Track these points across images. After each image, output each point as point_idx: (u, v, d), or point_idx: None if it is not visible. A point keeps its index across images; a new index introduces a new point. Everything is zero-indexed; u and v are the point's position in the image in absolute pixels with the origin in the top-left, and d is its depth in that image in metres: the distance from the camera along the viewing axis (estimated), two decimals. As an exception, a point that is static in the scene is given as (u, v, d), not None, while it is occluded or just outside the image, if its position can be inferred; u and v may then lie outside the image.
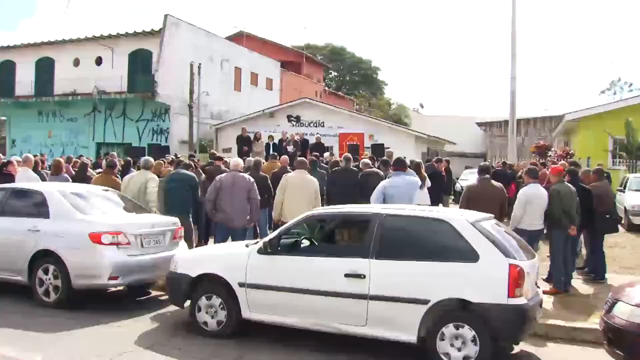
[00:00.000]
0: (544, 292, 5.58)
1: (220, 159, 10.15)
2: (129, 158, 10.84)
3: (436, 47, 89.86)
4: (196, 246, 7.60)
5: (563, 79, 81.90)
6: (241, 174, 7.21)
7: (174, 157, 11.65)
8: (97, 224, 5.81)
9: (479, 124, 31.56)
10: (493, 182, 6.94)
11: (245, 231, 7.18)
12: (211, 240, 8.11)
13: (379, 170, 8.74)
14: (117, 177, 8.41)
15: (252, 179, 7.24)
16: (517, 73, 17.33)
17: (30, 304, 5.83)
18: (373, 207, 5.11)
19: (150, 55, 23.44)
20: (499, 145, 29.80)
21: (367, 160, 9.29)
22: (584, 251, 8.08)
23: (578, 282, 7.12)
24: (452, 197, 15.83)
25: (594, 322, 5.23)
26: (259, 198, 7.21)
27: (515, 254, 4.31)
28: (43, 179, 8.24)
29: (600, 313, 4.61)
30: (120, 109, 24.63)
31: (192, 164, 8.53)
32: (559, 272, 6.63)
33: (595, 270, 7.36)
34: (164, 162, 10.37)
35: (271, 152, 15.24)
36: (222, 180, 7.07)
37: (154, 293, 6.72)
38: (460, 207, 6.43)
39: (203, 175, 8.98)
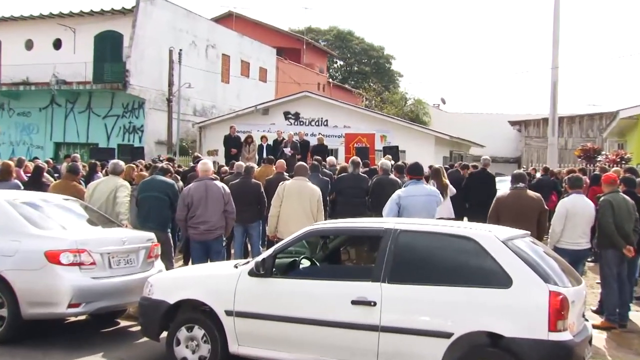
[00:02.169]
0: (594, 327, 5.51)
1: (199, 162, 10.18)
2: (94, 161, 10.89)
3: (460, 31, 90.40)
4: (179, 266, 7.63)
5: (615, 70, 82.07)
6: (214, 182, 7.31)
7: (152, 161, 11.71)
8: (55, 240, 5.76)
9: (512, 123, 31.59)
10: (529, 192, 6.96)
11: (222, 244, 7.30)
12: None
13: (394, 177, 8.77)
14: (81, 183, 8.44)
15: (227, 189, 7.34)
16: (559, 62, 17.40)
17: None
18: (385, 222, 5.12)
19: (121, 39, 23.53)
20: (537, 148, 29.85)
21: (387, 162, 9.26)
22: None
23: (637, 315, 7.03)
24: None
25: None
26: (235, 211, 7.32)
27: (556, 279, 4.30)
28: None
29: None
30: (84, 102, 24.71)
31: (171, 169, 8.57)
32: (612, 301, 6.54)
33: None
34: (138, 166, 10.43)
35: (265, 155, 15.32)
36: (191, 193, 7.15)
37: (122, 323, 6.72)
38: (489, 222, 6.43)
39: (180, 182, 9.04)
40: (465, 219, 9.78)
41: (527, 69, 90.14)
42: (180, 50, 23.81)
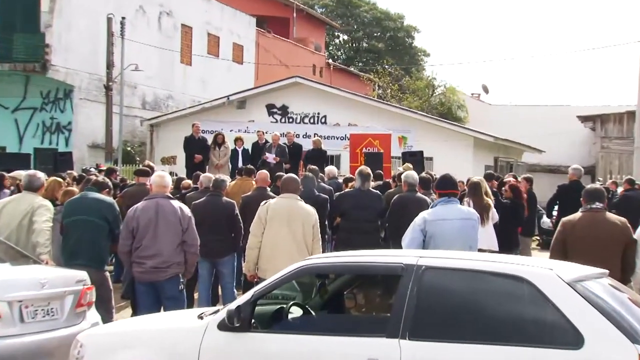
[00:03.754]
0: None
1: (147, 173, 10.22)
2: (0, 172, 10.89)
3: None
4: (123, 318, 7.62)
5: None
6: (169, 201, 7.34)
7: (83, 172, 11.73)
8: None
9: (583, 119, 31.74)
10: (609, 215, 7.00)
11: (178, 287, 7.29)
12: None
13: (421, 195, 8.83)
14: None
15: (186, 211, 7.35)
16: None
17: None
18: (405, 255, 5.16)
19: (37, 1, 23.52)
20: (618, 153, 29.94)
21: (413, 174, 9.28)
22: None
23: None
24: (538, 239, 15.84)
25: None
26: (199, 243, 7.34)
27: (647, 337, 4.31)
28: None
29: None
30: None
31: (109, 183, 8.57)
32: None
33: None
34: (64, 179, 10.43)
35: (241, 163, 15.34)
36: (137, 215, 7.19)
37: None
38: (552, 257, 6.45)
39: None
40: (516, 252, 9.82)
41: (603, 44, 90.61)
42: (123, 18, 23.92)
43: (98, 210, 7.70)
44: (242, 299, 5.11)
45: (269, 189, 9.71)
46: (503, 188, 11.14)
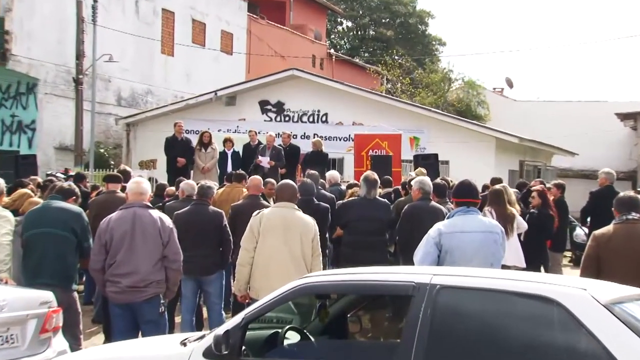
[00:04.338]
0: None
1: (118, 179, 10.22)
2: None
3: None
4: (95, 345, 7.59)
5: None
6: (148, 211, 7.35)
7: (48, 177, 11.72)
8: None
9: (623, 117, 31.67)
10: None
11: (159, 310, 7.28)
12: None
13: (436, 204, 8.83)
14: None
15: (167, 222, 7.37)
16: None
17: None
18: (417, 273, 5.14)
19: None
20: (666, 156, 29.93)
21: (427, 180, 9.29)
22: None
23: None
24: (570, 254, 15.79)
25: None
26: (182, 258, 7.34)
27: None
28: None
29: None
30: None
31: (76, 190, 8.56)
32: None
33: None
34: (27, 185, 10.45)
35: (230, 168, 15.34)
36: (111, 226, 7.19)
37: None
38: (582, 275, 6.45)
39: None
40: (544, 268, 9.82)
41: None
42: (95, 2, 23.88)
43: (64, 221, 7.70)
44: (231, 322, 5.10)
45: (262, 197, 9.71)
46: (530, 196, 11.15)
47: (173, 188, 11.82)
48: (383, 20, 52.35)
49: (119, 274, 7.12)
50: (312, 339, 5.64)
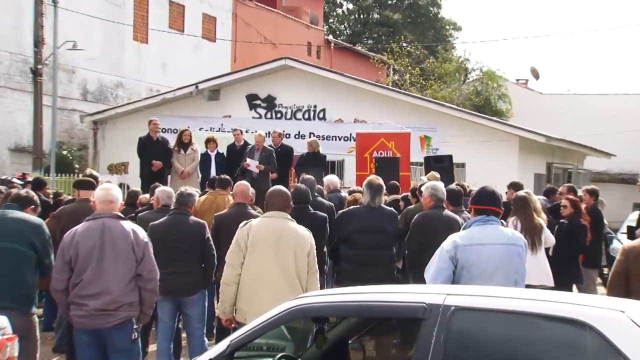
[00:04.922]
0: None
1: (91, 185, 10.21)
2: None
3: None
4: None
5: None
6: (120, 222, 7.33)
7: (2, 184, 11.72)
8: None
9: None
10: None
11: (131, 337, 7.25)
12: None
13: (449, 212, 8.84)
14: None
15: (142, 235, 7.36)
16: None
17: None
18: (429, 292, 5.15)
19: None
20: None
21: (440, 185, 9.34)
22: None
23: None
24: (606, 270, 15.71)
25: None
26: (158, 277, 7.34)
27: None
28: None
29: None
30: None
31: (34, 199, 8.55)
32: None
33: None
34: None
35: (214, 172, 15.33)
36: (76, 240, 7.16)
37: None
38: (609, 294, 6.47)
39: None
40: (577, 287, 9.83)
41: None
42: (58, -19, 24.04)
43: (21, 234, 7.68)
44: (214, 350, 5.13)
45: (249, 206, 9.71)
46: (561, 204, 11.15)
47: (147, 196, 11.82)
48: (389, 2, 52.53)
49: (85, 295, 7.08)
50: (309, 368, 5.65)
